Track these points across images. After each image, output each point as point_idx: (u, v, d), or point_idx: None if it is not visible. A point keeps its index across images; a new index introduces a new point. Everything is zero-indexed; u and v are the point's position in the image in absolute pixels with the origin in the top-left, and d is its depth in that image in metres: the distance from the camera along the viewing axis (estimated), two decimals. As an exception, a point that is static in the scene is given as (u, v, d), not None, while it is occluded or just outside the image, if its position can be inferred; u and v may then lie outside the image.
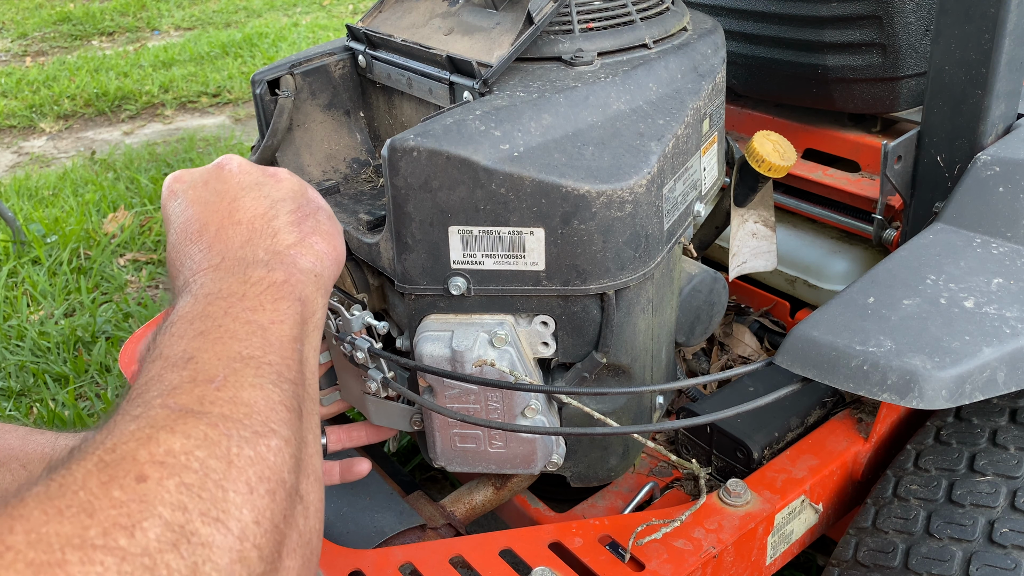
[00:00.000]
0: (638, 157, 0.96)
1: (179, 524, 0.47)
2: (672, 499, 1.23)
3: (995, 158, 1.14)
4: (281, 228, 0.74)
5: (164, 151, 4.18)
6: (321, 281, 0.74)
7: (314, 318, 0.71)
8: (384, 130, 1.29)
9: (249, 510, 0.52)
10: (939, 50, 1.15)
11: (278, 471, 0.55)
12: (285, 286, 0.69)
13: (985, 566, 0.95)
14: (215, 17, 7.01)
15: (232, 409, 0.56)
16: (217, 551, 0.48)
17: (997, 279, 1.03)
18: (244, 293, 0.66)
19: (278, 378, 0.61)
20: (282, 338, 0.65)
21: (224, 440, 0.53)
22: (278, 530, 0.53)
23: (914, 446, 1.14)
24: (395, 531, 1.13)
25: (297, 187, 0.81)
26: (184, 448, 0.51)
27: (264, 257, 0.71)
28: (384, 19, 1.23)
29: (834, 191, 1.44)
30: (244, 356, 0.60)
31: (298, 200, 0.79)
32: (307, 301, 0.70)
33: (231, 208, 0.74)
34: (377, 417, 1.16)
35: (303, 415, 0.62)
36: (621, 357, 1.05)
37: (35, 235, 3.16)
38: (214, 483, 0.51)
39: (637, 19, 1.09)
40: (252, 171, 0.80)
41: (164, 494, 0.48)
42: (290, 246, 0.73)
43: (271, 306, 0.66)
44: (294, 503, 0.56)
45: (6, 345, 2.60)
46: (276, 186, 0.79)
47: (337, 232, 0.81)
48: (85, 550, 0.44)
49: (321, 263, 0.75)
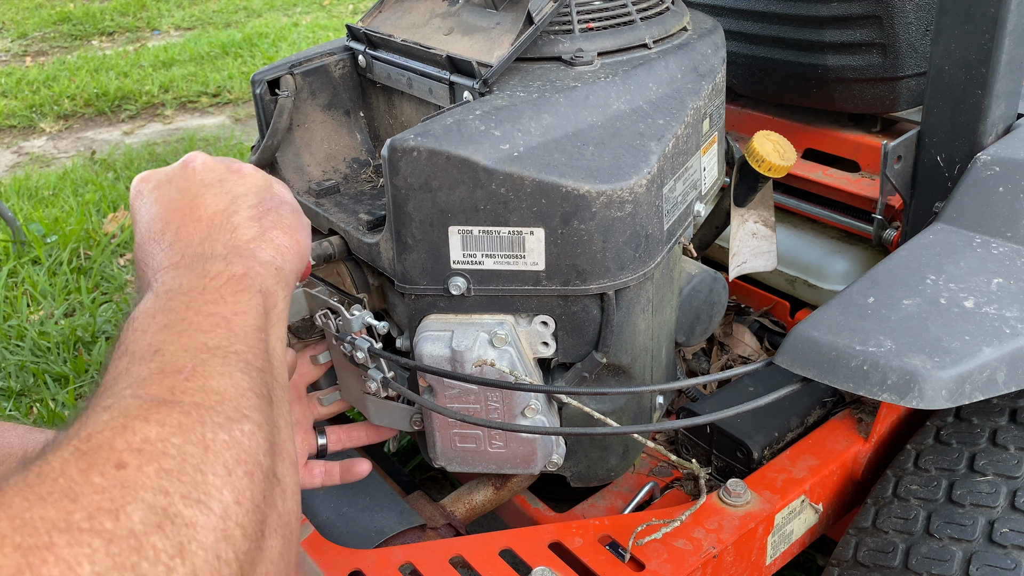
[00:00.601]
0: (638, 157, 0.96)
1: (162, 507, 0.48)
2: (672, 499, 1.23)
3: (995, 158, 1.14)
4: (240, 223, 0.75)
5: (164, 151, 4.18)
6: (282, 274, 0.74)
7: (276, 309, 0.71)
8: (384, 130, 1.29)
9: (229, 491, 0.52)
10: (939, 50, 1.15)
11: (253, 454, 0.56)
12: (245, 279, 0.69)
13: (985, 566, 0.95)
14: (215, 17, 7.01)
15: (203, 397, 0.56)
16: (201, 531, 0.49)
17: (997, 279, 1.03)
18: (204, 287, 0.67)
19: (246, 366, 0.62)
20: (246, 328, 0.65)
21: (198, 427, 0.54)
22: (259, 510, 0.54)
23: (914, 446, 1.14)
24: (395, 531, 1.13)
25: (261, 182, 0.81)
26: (160, 436, 0.52)
27: (223, 251, 0.71)
28: (384, 19, 1.23)
29: (834, 191, 1.44)
30: (210, 347, 0.61)
31: (260, 195, 0.79)
32: (268, 293, 0.71)
33: (192, 205, 0.75)
34: (377, 417, 1.16)
35: (273, 402, 0.62)
36: (621, 357, 1.05)
37: (35, 235, 3.16)
38: (192, 467, 0.51)
39: (637, 19, 1.09)
40: (216, 167, 0.80)
41: (145, 479, 0.49)
42: (249, 240, 0.74)
43: (232, 298, 0.67)
44: (272, 484, 0.57)
45: (6, 345, 2.60)
46: (239, 182, 0.79)
47: (300, 226, 0.81)
48: (72, 533, 0.44)
49: (282, 256, 0.76)
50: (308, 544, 1.07)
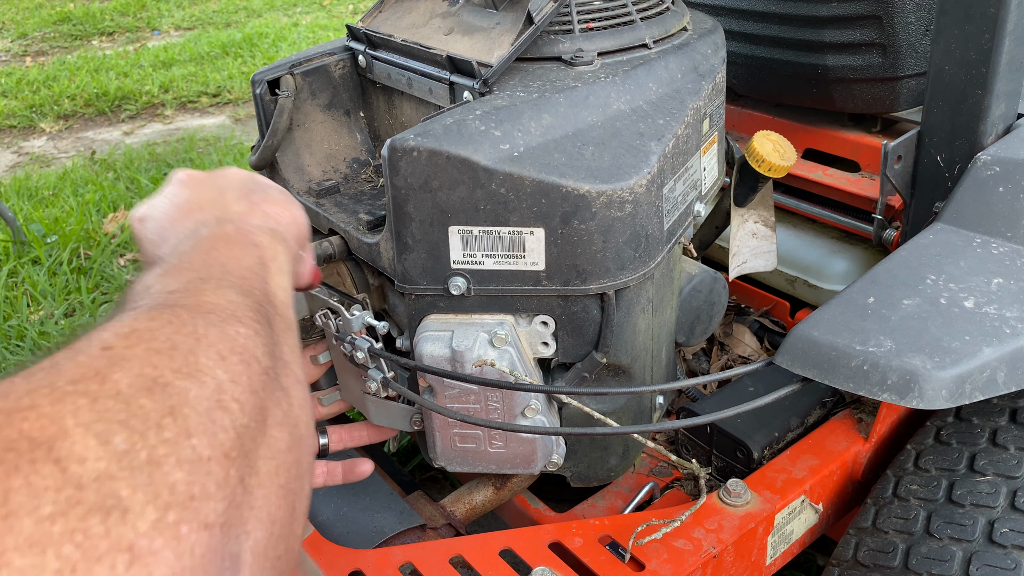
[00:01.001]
0: (638, 157, 0.96)
1: (151, 376, 0.46)
2: (672, 499, 1.23)
3: (995, 158, 1.14)
4: (230, 201, 0.77)
5: (164, 151, 4.18)
6: (277, 234, 0.74)
7: (275, 262, 0.70)
8: (384, 130, 1.29)
9: (223, 371, 0.51)
10: (939, 50, 1.15)
11: (250, 349, 0.55)
12: (237, 235, 0.70)
13: (985, 566, 0.95)
14: (215, 17, 7.01)
15: (197, 304, 0.55)
16: (194, 398, 0.47)
17: (997, 279, 1.03)
18: (196, 245, 0.67)
19: (241, 291, 0.61)
20: (241, 268, 0.65)
21: (190, 322, 0.53)
22: (257, 395, 0.52)
23: (914, 446, 1.14)
24: (395, 531, 1.13)
25: (245, 174, 0.85)
26: (149, 327, 0.51)
27: (213, 223, 0.73)
28: (384, 19, 1.23)
29: (834, 191, 1.44)
30: (204, 277, 0.61)
31: (246, 183, 0.82)
32: (263, 247, 0.70)
33: (184, 208, 0.77)
34: (377, 417, 1.16)
35: (273, 326, 0.61)
36: (621, 357, 1.05)
37: (35, 235, 3.16)
38: (183, 351, 0.50)
39: (637, 19, 1.09)
40: (200, 174, 0.84)
41: (132, 355, 0.47)
42: (238, 212, 0.76)
43: (225, 249, 0.67)
44: (273, 384, 0.55)
45: (6, 345, 2.60)
46: (223, 176, 0.82)
47: (291, 201, 0.82)
48: (55, 394, 0.43)
49: (274, 220, 0.77)
50: (308, 544, 1.07)
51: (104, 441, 0.41)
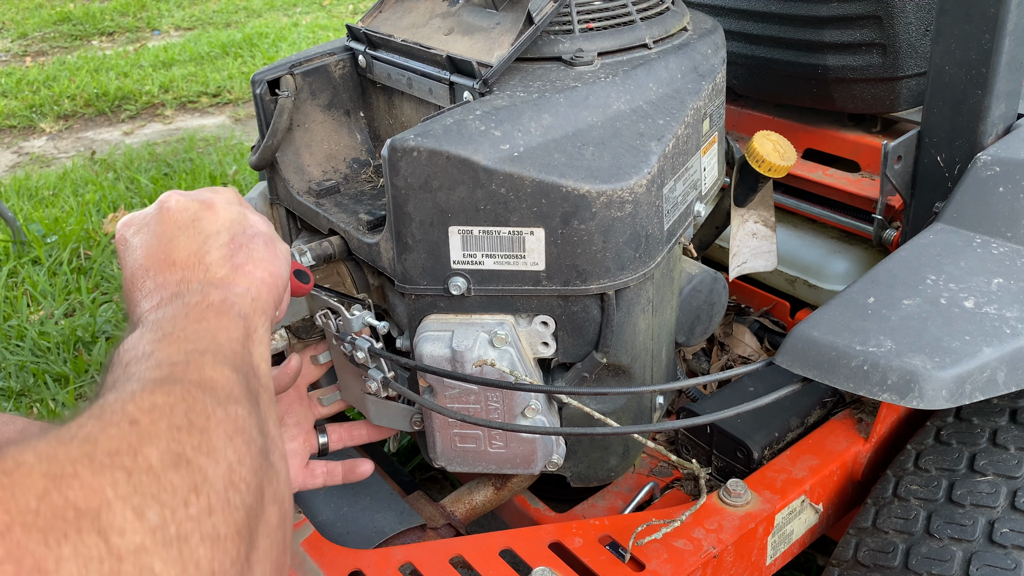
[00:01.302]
0: (638, 157, 0.96)
1: (175, 452, 0.51)
2: (672, 499, 1.23)
3: (995, 158, 1.14)
4: (213, 263, 0.78)
5: (164, 151, 4.18)
6: (258, 303, 0.78)
7: (256, 334, 0.75)
8: (384, 130, 1.29)
9: (232, 451, 0.56)
10: (939, 50, 1.15)
11: (248, 430, 0.60)
12: (223, 304, 0.73)
13: (985, 566, 0.95)
14: (215, 17, 7.01)
15: (201, 380, 0.60)
16: (212, 476, 0.52)
17: (997, 279, 1.03)
18: (187, 313, 0.71)
19: (234, 366, 0.66)
20: (230, 340, 0.69)
21: (200, 400, 0.57)
22: (257, 475, 0.57)
23: (914, 446, 1.14)
24: (395, 531, 1.13)
25: (234, 216, 0.83)
26: (167, 403, 0.55)
27: (198, 288, 0.75)
28: (384, 19, 1.23)
29: (834, 191, 1.44)
30: (200, 350, 0.65)
31: (233, 230, 0.82)
32: (247, 318, 0.74)
33: (167, 250, 0.78)
34: (377, 417, 1.16)
35: (259, 401, 0.66)
36: (621, 357, 1.05)
37: (35, 235, 3.15)
38: (199, 429, 0.55)
39: (637, 19, 1.09)
40: (189, 206, 0.83)
41: (158, 431, 0.52)
42: (223, 278, 0.77)
43: (214, 319, 0.71)
44: (265, 460, 0.60)
45: (6, 345, 2.60)
46: (211, 219, 0.82)
47: (274, 258, 0.83)
48: (94, 465, 0.47)
49: (256, 288, 0.79)
50: (308, 544, 1.07)
51: (140, 515, 0.46)
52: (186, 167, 3.84)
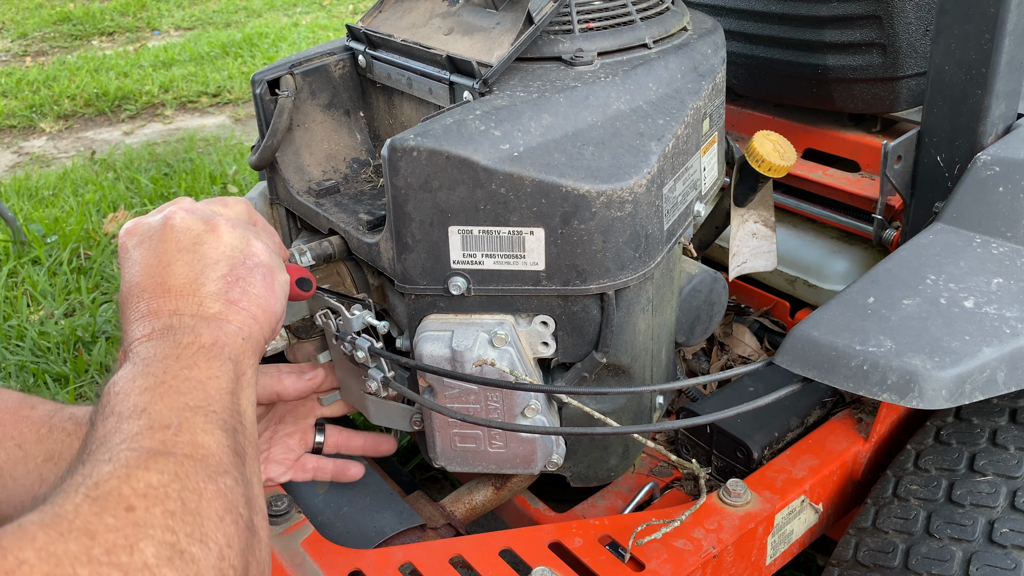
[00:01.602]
0: (638, 157, 0.96)
1: (170, 543, 0.53)
2: (672, 499, 1.23)
3: (995, 158, 1.14)
4: (207, 296, 0.77)
5: (164, 151, 4.18)
6: (249, 343, 0.78)
7: (245, 376, 0.76)
8: (384, 130, 1.29)
9: (222, 535, 0.58)
10: (939, 50, 1.15)
11: (236, 505, 0.62)
12: (214, 347, 0.73)
13: (985, 566, 0.95)
14: (215, 17, 7.01)
15: (192, 450, 0.62)
16: (204, 567, 0.55)
17: (997, 279, 1.03)
18: (178, 355, 0.71)
19: (223, 425, 0.67)
20: (220, 391, 0.70)
21: (192, 475, 0.60)
22: (244, 555, 0.60)
23: (914, 446, 1.14)
24: (395, 531, 1.13)
25: (237, 243, 0.82)
26: (161, 482, 0.57)
27: (190, 323, 0.75)
28: (384, 19, 1.23)
29: (834, 191, 1.44)
30: (191, 406, 0.66)
31: (233, 260, 0.81)
32: (237, 360, 0.75)
33: (164, 274, 0.78)
34: (377, 417, 1.16)
35: (246, 460, 0.68)
36: (621, 357, 1.05)
37: (35, 235, 3.15)
38: (192, 512, 0.57)
39: (637, 19, 1.09)
40: (193, 226, 0.81)
41: (153, 520, 0.54)
42: (216, 314, 0.77)
43: (204, 364, 0.71)
44: (251, 534, 0.63)
45: (6, 345, 2.60)
46: (213, 245, 0.80)
47: (270, 294, 0.82)
48: (93, 565, 0.49)
49: (247, 327, 0.79)
50: (308, 544, 1.07)
51: None
52: (186, 167, 3.84)
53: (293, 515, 1.11)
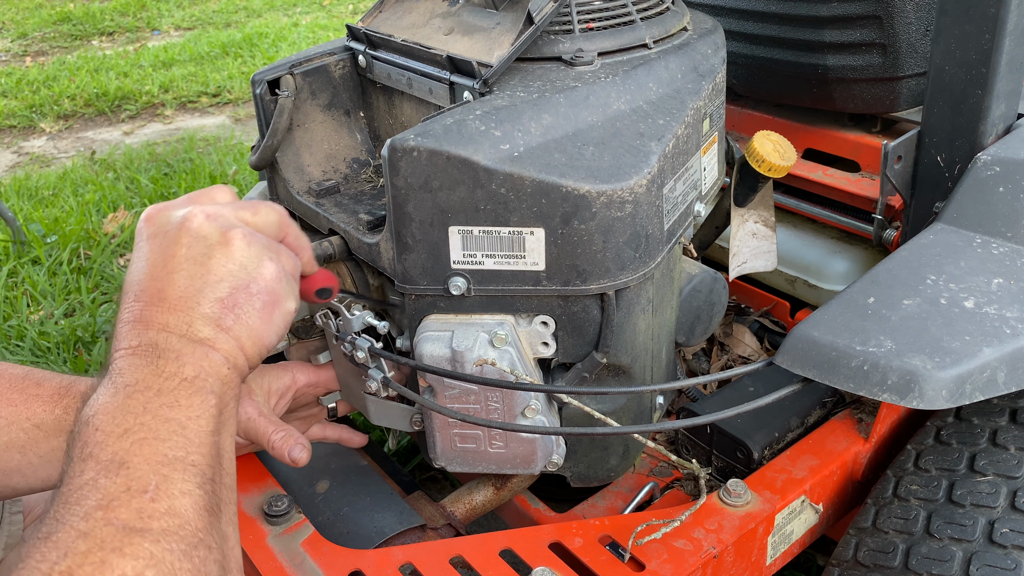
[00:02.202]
0: (638, 157, 0.96)
1: None
2: (672, 499, 1.23)
3: (995, 158, 1.14)
4: (200, 317, 0.74)
5: (164, 151, 4.18)
6: (235, 372, 0.76)
7: (227, 408, 0.74)
8: (384, 130, 1.29)
9: None
10: (939, 50, 1.15)
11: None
12: (196, 381, 0.71)
13: (985, 566, 0.95)
14: (215, 17, 7.01)
15: (169, 522, 0.62)
16: None
17: (997, 279, 1.03)
18: (160, 388, 0.69)
19: (201, 479, 0.67)
20: (200, 433, 0.69)
21: (168, 556, 0.60)
22: None
23: (914, 446, 1.14)
24: (395, 531, 1.13)
25: (246, 264, 0.78)
26: (135, 569, 0.58)
27: (176, 346, 0.72)
28: (384, 19, 1.23)
29: (834, 191, 1.44)
30: (170, 458, 0.66)
31: (236, 283, 0.77)
32: (221, 393, 0.73)
33: (165, 281, 0.75)
34: (377, 417, 1.16)
35: (221, 512, 0.68)
36: (621, 357, 1.05)
37: (35, 235, 3.15)
38: None
39: (637, 19, 1.09)
40: (208, 235, 0.77)
41: None
42: (204, 339, 0.74)
43: (186, 401, 0.70)
44: None
45: (6, 345, 2.60)
46: (221, 262, 0.77)
47: (266, 326, 0.79)
48: None
49: (234, 357, 0.76)
50: (308, 544, 1.07)
51: None
52: (186, 167, 3.84)
53: (293, 515, 1.11)
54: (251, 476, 1.19)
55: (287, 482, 1.23)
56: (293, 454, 1.06)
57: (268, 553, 1.06)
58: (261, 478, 1.19)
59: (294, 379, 1.14)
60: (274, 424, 1.08)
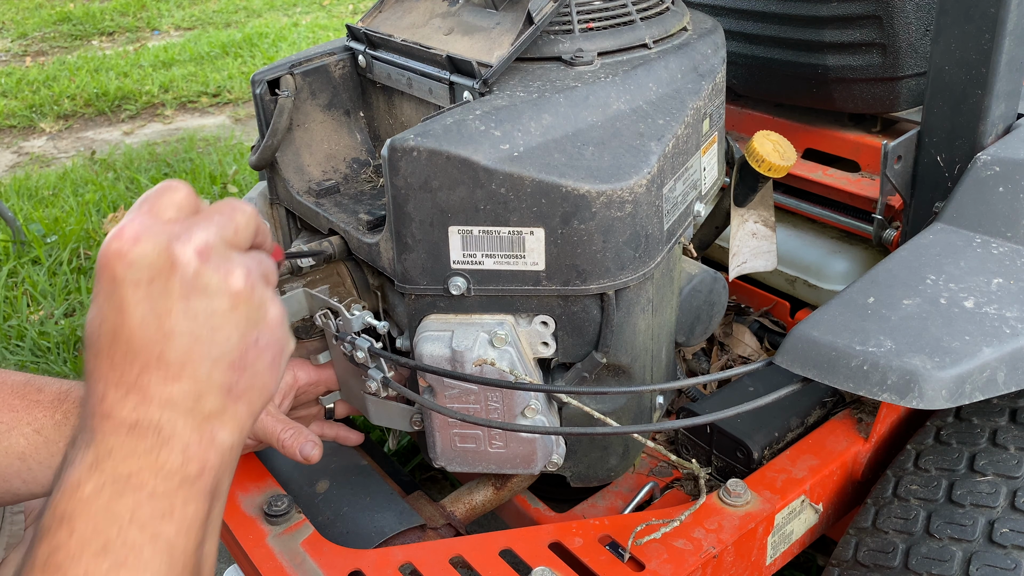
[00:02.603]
0: (638, 157, 0.96)
1: None
2: (672, 499, 1.23)
3: (995, 158, 1.14)
4: (209, 387, 0.64)
5: (164, 151, 4.18)
6: (240, 438, 0.68)
7: (219, 503, 0.67)
8: (384, 130, 1.29)
9: None
10: (939, 50, 1.15)
11: None
12: (198, 482, 0.63)
13: (985, 566, 0.95)
14: (215, 17, 7.01)
15: None
16: None
17: (997, 279, 1.03)
18: (154, 489, 0.61)
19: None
20: (187, 552, 0.62)
21: None
22: None
23: (914, 446, 1.14)
24: (395, 531, 1.13)
25: (253, 315, 0.67)
26: None
27: (182, 431, 0.63)
28: (384, 19, 1.23)
29: (834, 191, 1.44)
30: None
31: (246, 341, 0.66)
32: (218, 483, 0.66)
33: (164, 344, 0.63)
34: (377, 417, 1.16)
35: None
36: (621, 357, 1.05)
37: (35, 235, 3.15)
38: None
39: (637, 19, 1.09)
40: (209, 286, 0.64)
41: None
42: (213, 413, 0.65)
43: (181, 511, 0.62)
44: None
45: (6, 345, 2.60)
46: (227, 316, 0.65)
47: (274, 377, 0.70)
48: None
49: (243, 424, 0.68)
50: (308, 544, 1.07)
51: None
52: (186, 167, 3.84)
53: (293, 515, 1.11)
54: (251, 476, 1.19)
55: (287, 482, 1.23)
56: (305, 451, 1.06)
57: (268, 553, 1.06)
58: (261, 478, 1.19)
59: (296, 378, 1.15)
60: (282, 423, 1.08)
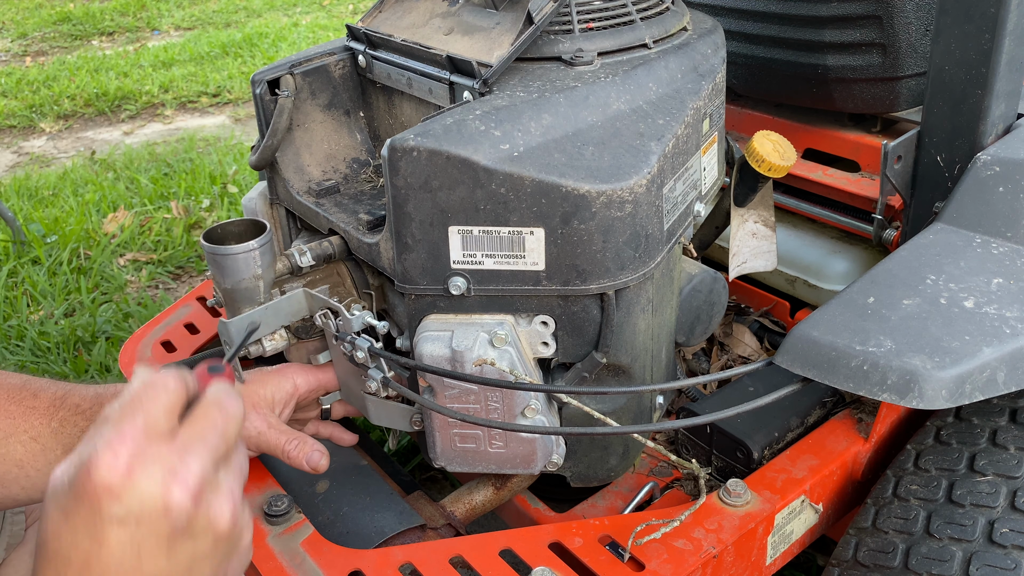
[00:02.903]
0: (638, 157, 0.96)
1: None
2: (672, 499, 1.23)
3: (995, 158, 1.14)
4: None
5: (164, 151, 4.18)
6: None
7: None
8: (384, 130, 1.29)
9: None
10: (939, 50, 1.15)
11: None
12: None
13: (985, 566, 0.95)
14: (215, 17, 7.01)
15: None
16: None
17: (997, 279, 1.03)
18: None
19: None
20: None
21: None
22: None
23: (914, 446, 1.14)
24: (395, 531, 1.13)
25: (229, 550, 0.66)
26: None
27: None
28: (384, 19, 1.23)
29: (834, 191, 1.44)
30: None
31: (218, 571, 0.66)
32: None
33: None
34: (377, 417, 1.16)
35: None
36: (621, 357, 1.05)
37: (35, 235, 3.15)
38: None
39: (637, 19, 1.09)
40: (196, 526, 0.62)
41: None
42: None
43: None
44: None
45: (6, 345, 2.60)
46: (208, 557, 0.64)
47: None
48: None
49: None
50: (308, 544, 1.07)
51: None
52: (186, 167, 3.84)
53: (293, 515, 1.11)
54: (251, 476, 1.19)
55: (287, 482, 1.23)
56: (312, 461, 1.07)
57: (268, 553, 1.06)
58: (261, 478, 1.19)
59: (296, 386, 1.14)
60: (285, 434, 1.08)
